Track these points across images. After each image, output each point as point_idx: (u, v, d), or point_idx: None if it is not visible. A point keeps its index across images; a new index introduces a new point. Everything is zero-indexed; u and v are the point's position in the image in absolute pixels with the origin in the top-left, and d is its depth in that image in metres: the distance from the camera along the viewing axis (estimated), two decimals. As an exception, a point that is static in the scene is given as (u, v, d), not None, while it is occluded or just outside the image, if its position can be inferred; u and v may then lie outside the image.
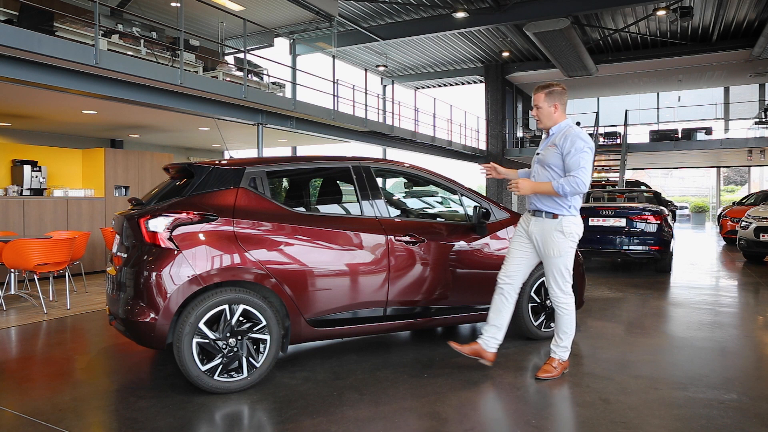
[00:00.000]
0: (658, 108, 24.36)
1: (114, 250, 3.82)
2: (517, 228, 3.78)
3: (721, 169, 26.33)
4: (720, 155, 20.80)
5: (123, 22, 8.79)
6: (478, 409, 3.17)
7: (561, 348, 3.62)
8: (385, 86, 21.13)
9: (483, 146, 20.86)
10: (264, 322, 3.38)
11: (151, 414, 3.04)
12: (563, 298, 3.57)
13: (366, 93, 15.57)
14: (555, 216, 3.48)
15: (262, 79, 11.14)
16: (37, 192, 8.90)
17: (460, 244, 4.21)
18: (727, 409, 3.08)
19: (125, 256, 3.47)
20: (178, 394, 3.32)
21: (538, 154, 3.66)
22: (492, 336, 3.66)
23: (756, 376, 3.72)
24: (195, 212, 3.36)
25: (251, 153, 15.93)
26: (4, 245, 5.77)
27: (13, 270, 6.11)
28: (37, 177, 9.02)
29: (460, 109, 20.35)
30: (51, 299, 6.36)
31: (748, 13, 14.40)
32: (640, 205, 8.75)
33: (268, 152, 15.04)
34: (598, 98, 25.20)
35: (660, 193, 11.18)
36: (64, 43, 6.55)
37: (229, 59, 14.00)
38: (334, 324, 3.72)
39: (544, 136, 3.77)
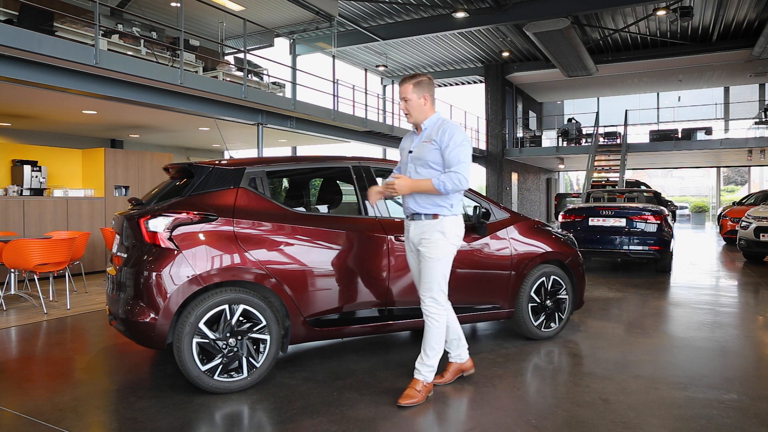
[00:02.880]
0: (658, 108, 24.37)
1: (114, 250, 3.83)
2: (405, 244, 3.48)
3: (721, 169, 26.33)
4: (720, 155, 20.80)
5: (123, 22, 8.79)
6: (478, 409, 3.17)
7: (426, 367, 3.24)
8: (385, 86, 21.13)
9: (483, 146, 20.84)
10: (264, 322, 3.38)
11: (151, 414, 3.04)
12: (435, 309, 3.21)
13: (366, 93, 15.58)
14: (435, 216, 3.22)
15: (262, 79, 11.14)
16: (37, 192, 8.90)
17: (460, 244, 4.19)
18: (727, 409, 3.08)
19: (125, 256, 3.47)
20: (178, 394, 3.32)
21: (410, 152, 3.35)
22: (458, 347, 3.55)
23: (756, 376, 3.72)
24: (195, 212, 3.36)
25: (251, 153, 15.92)
26: (4, 245, 5.77)
27: (13, 270, 6.11)
28: (37, 177, 9.02)
29: (460, 109, 20.34)
30: (51, 299, 6.36)
31: (748, 13, 14.40)
32: (640, 205, 8.76)
33: (268, 152, 15.03)
34: (598, 98, 25.23)
35: (660, 193, 11.19)
36: (64, 43, 6.55)
37: (229, 59, 14.00)
38: (334, 324, 3.72)
39: (412, 132, 3.48)
